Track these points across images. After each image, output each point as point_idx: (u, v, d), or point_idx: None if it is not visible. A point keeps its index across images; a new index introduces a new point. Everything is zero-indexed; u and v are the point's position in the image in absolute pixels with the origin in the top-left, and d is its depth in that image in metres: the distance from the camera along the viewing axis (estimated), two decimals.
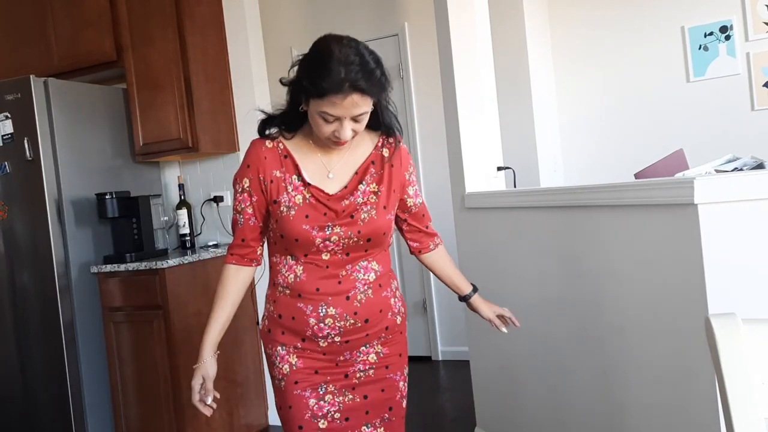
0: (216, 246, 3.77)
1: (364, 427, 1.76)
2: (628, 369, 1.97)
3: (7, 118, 3.33)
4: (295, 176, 1.66)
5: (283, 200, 1.65)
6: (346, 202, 1.66)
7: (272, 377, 1.79)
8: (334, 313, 1.67)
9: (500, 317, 1.93)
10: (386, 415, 1.78)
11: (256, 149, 1.69)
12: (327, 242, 1.64)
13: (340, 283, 1.67)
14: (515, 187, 3.28)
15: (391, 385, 1.79)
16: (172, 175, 4.03)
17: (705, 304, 1.58)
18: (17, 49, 3.95)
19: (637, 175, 2.36)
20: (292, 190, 1.65)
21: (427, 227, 1.89)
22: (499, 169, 3.10)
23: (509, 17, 4.20)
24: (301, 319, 1.68)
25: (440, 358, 4.75)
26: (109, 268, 3.36)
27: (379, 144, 1.74)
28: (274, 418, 3.87)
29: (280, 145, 1.69)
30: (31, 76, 3.28)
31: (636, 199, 1.82)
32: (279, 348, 1.74)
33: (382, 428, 1.78)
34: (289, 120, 1.67)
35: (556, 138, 4.49)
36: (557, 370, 2.38)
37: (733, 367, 0.96)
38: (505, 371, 2.79)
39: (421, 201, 1.85)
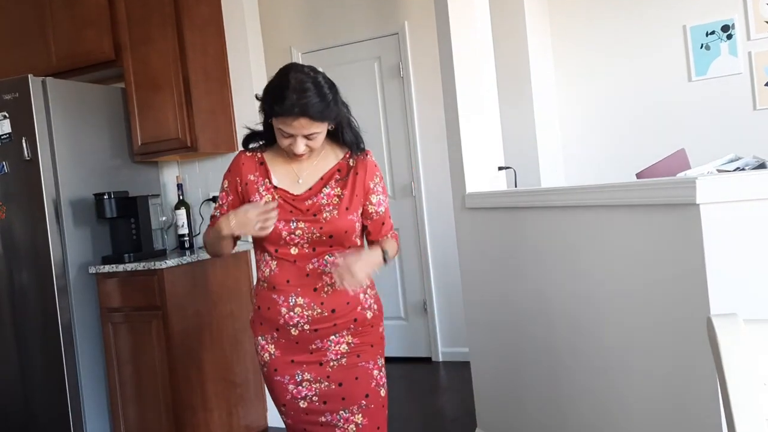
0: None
1: (342, 412, 1.95)
2: (628, 369, 1.96)
3: (5, 117, 3.32)
4: (266, 180, 1.95)
5: (254, 199, 1.93)
6: (310, 202, 1.91)
7: (258, 363, 2.04)
8: (302, 302, 1.90)
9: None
10: (363, 402, 1.96)
11: (237, 157, 2.02)
12: (293, 236, 1.88)
13: (308, 275, 1.90)
14: (516, 186, 3.27)
15: (365, 373, 1.97)
16: (170, 175, 4.02)
17: (707, 305, 1.57)
18: (15, 49, 3.94)
19: (638, 175, 2.35)
20: (264, 191, 1.94)
21: (387, 235, 2.07)
22: (499, 168, 3.09)
23: (510, 16, 4.19)
24: (275, 308, 1.92)
25: (440, 359, 4.74)
26: (107, 268, 3.35)
27: (347, 155, 1.99)
28: (273, 419, 3.86)
29: (258, 154, 1.99)
30: (29, 76, 3.27)
31: (637, 199, 1.81)
32: (260, 338, 2.00)
33: (360, 415, 1.96)
34: (267, 135, 1.96)
35: (557, 138, 4.48)
36: (558, 370, 2.37)
37: (735, 368, 0.95)
38: (506, 372, 2.78)
39: (383, 210, 2.03)
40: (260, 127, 2.00)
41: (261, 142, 2.01)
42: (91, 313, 3.43)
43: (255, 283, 2.04)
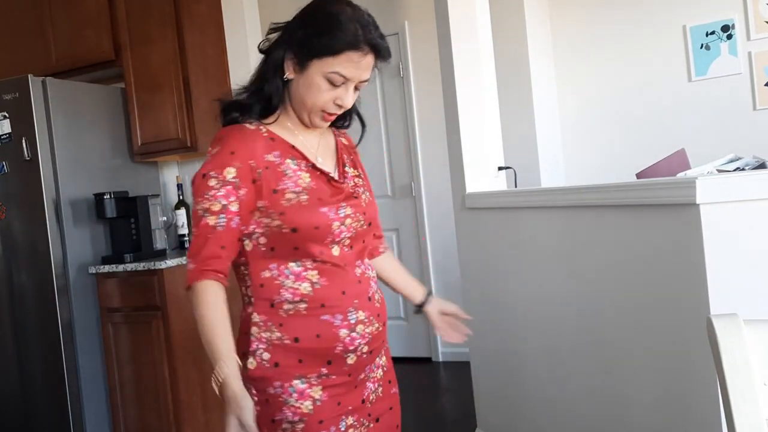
0: None
1: None
2: (628, 369, 1.96)
3: (5, 117, 3.32)
4: (290, 160, 1.42)
5: (287, 187, 1.39)
6: (346, 184, 1.49)
7: (276, 422, 1.41)
8: (363, 317, 1.44)
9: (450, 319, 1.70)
10: None
11: (238, 133, 1.42)
12: (342, 227, 1.42)
13: (360, 282, 1.46)
14: (516, 187, 3.27)
15: (396, 401, 1.61)
16: (170, 174, 4.02)
17: (707, 305, 1.56)
18: (15, 48, 3.94)
19: (638, 175, 2.35)
20: (293, 174, 1.41)
21: (377, 226, 1.62)
22: (499, 168, 3.09)
23: (510, 16, 4.19)
24: (329, 333, 1.40)
25: (440, 360, 4.74)
26: (107, 268, 3.35)
27: (335, 133, 1.59)
28: None
29: (262, 128, 1.44)
30: (29, 76, 3.28)
31: (638, 199, 1.81)
32: (296, 382, 1.41)
33: None
34: (267, 101, 1.45)
35: (557, 137, 4.48)
36: (558, 370, 2.37)
37: (735, 368, 0.95)
38: (506, 372, 2.78)
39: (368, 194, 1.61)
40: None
41: (254, 117, 1.47)
42: (90, 313, 3.43)
43: (260, 314, 1.49)
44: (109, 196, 3.39)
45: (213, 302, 1.43)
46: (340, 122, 1.57)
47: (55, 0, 3.81)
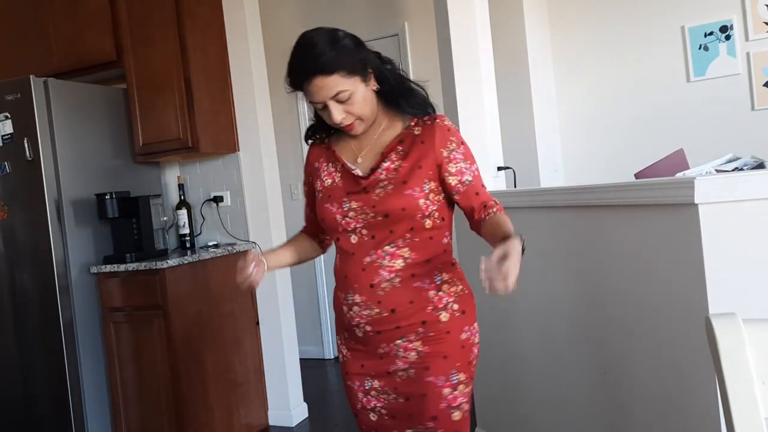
0: (216, 246, 3.77)
1: (408, 431, 1.66)
2: (628, 369, 1.97)
3: (7, 118, 3.33)
4: (330, 164, 1.76)
5: (317, 186, 1.78)
6: (368, 180, 1.66)
7: None
8: (359, 301, 1.65)
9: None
10: (431, 425, 1.62)
11: (309, 149, 1.86)
12: (347, 218, 1.65)
13: (364, 270, 1.64)
14: (515, 187, 3.28)
15: (434, 391, 1.62)
16: (172, 175, 4.03)
17: (705, 304, 1.57)
18: (17, 49, 3.95)
19: (637, 175, 2.36)
20: (325, 176, 1.75)
21: (485, 205, 1.68)
22: (499, 169, 3.10)
23: (509, 17, 4.20)
24: (338, 306, 1.74)
25: None
26: (108, 268, 3.36)
27: (412, 124, 1.70)
28: (274, 418, 3.87)
29: (326, 140, 1.82)
30: (31, 77, 3.28)
31: (636, 199, 1.82)
32: (338, 337, 1.82)
33: None
34: (314, 129, 1.83)
35: (557, 138, 4.49)
36: (558, 370, 2.38)
37: (734, 368, 0.95)
38: (506, 371, 2.79)
39: (470, 179, 1.67)
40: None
41: (318, 135, 1.84)
42: (92, 312, 3.43)
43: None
44: (110, 197, 3.40)
45: (295, 238, 1.95)
46: (418, 111, 1.72)
47: (57, 1, 3.81)
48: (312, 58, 1.56)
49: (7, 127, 3.33)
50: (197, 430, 3.36)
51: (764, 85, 3.88)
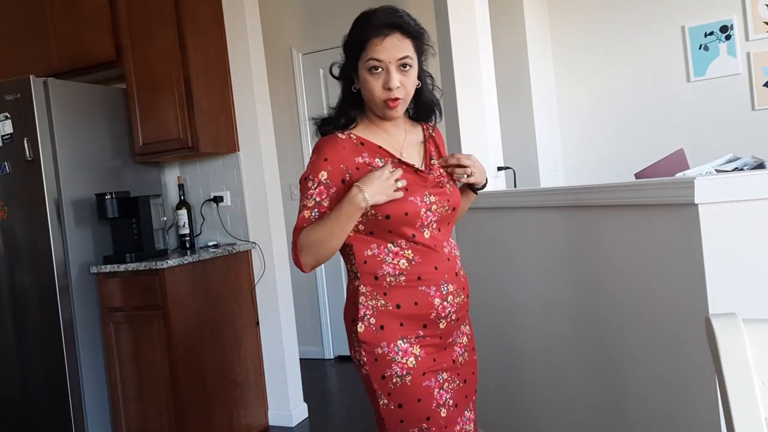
0: (216, 246, 3.77)
1: (466, 412, 1.78)
2: (628, 369, 1.97)
3: (6, 118, 3.33)
4: (378, 159, 1.70)
5: None
6: (432, 175, 1.74)
7: (386, 378, 1.66)
8: (453, 289, 1.71)
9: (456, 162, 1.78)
10: (474, 397, 1.83)
11: (331, 142, 1.70)
12: (428, 212, 1.68)
13: (449, 260, 1.72)
14: (515, 187, 3.28)
15: (476, 368, 1.85)
16: (171, 175, 4.03)
17: (705, 304, 1.57)
18: (17, 49, 3.95)
19: (637, 175, 2.35)
20: None
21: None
22: (499, 169, 3.10)
23: (509, 17, 4.20)
24: (426, 301, 1.67)
25: None
26: (108, 268, 3.36)
27: (426, 127, 1.85)
28: (274, 418, 3.87)
29: (352, 135, 1.72)
30: (30, 77, 3.28)
31: (636, 199, 1.82)
32: (399, 342, 1.67)
33: (473, 412, 1.82)
34: (348, 111, 1.74)
35: (557, 138, 4.49)
36: (557, 370, 2.38)
37: (734, 368, 0.95)
38: (506, 371, 2.79)
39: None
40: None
41: (340, 129, 1.76)
42: (92, 312, 3.43)
43: (365, 285, 1.68)
44: (110, 197, 3.40)
45: (309, 227, 1.68)
46: (425, 117, 1.83)
47: (57, 1, 3.81)
48: (399, 16, 1.64)
49: (7, 127, 3.33)
50: (197, 430, 3.36)
51: (764, 85, 3.88)
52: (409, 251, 1.67)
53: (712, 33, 4.00)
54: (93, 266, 3.40)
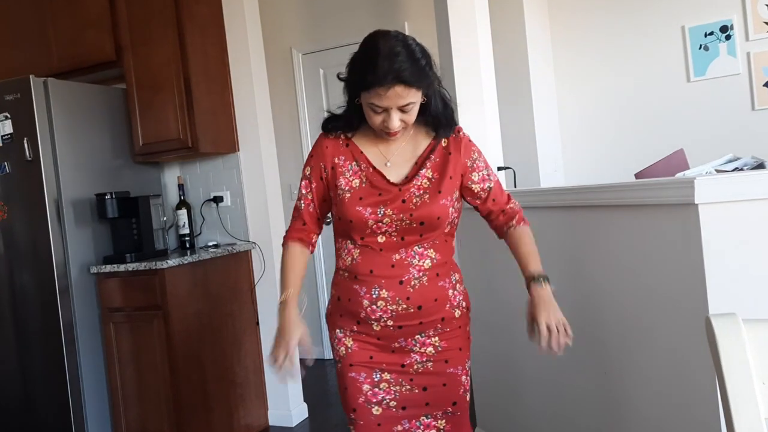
0: (216, 246, 3.77)
1: (424, 418, 1.79)
2: (628, 369, 1.97)
3: (6, 118, 3.33)
4: (354, 163, 1.77)
5: (340, 184, 1.76)
6: (403, 188, 1.73)
7: (334, 360, 1.85)
8: (386, 296, 1.72)
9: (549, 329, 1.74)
10: (450, 409, 1.80)
11: (319, 141, 1.83)
12: (380, 224, 1.71)
13: (393, 266, 1.72)
14: (515, 187, 3.28)
15: (454, 380, 1.80)
16: (171, 175, 4.03)
17: (705, 304, 1.57)
18: (17, 49, 3.95)
19: (637, 175, 2.36)
20: (350, 175, 1.76)
21: (503, 211, 1.88)
22: (499, 169, 3.10)
23: (509, 17, 4.20)
24: (356, 300, 1.75)
25: None
26: (108, 268, 3.36)
27: (439, 139, 1.81)
28: (274, 419, 3.87)
29: (342, 136, 1.81)
30: (30, 77, 3.28)
31: (636, 199, 1.82)
32: (337, 330, 1.82)
33: (444, 421, 1.81)
34: (350, 116, 1.77)
35: (557, 138, 4.48)
36: (557, 370, 2.38)
37: (734, 368, 0.95)
38: (505, 371, 2.79)
39: (490, 186, 1.84)
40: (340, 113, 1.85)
41: (340, 130, 1.82)
42: (92, 312, 3.43)
43: (334, 272, 1.86)
44: (110, 197, 3.40)
45: (291, 254, 1.84)
46: (443, 131, 1.79)
47: (57, 1, 3.81)
48: (402, 68, 1.58)
49: (7, 127, 3.33)
50: (197, 430, 3.36)
51: (764, 85, 3.88)
52: (357, 251, 1.75)
53: (712, 33, 3.99)
54: (93, 266, 3.40)
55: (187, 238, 3.81)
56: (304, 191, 1.83)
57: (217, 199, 3.86)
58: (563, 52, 4.45)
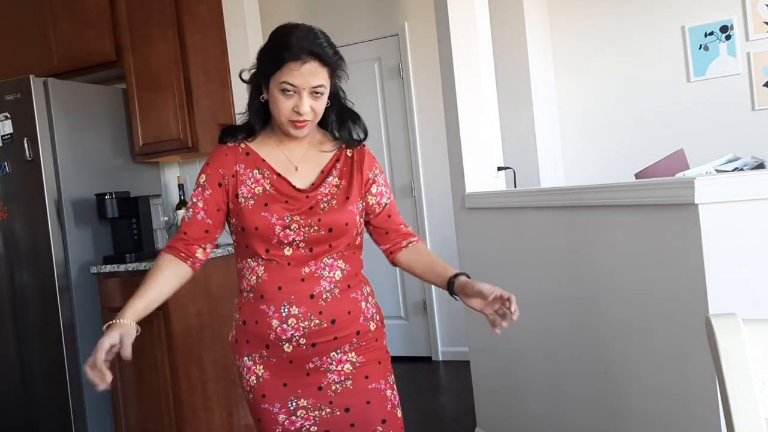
0: (216, 246, 3.76)
1: None
2: (628, 369, 1.97)
3: (6, 118, 3.33)
4: (256, 170, 1.68)
5: (241, 192, 1.66)
6: (310, 195, 1.67)
7: (242, 389, 1.75)
8: (297, 312, 1.62)
9: (496, 306, 1.66)
10: (380, 428, 1.68)
11: (217, 150, 1.74)
12: (287, 230, 1.62)
13: (303, 280, 1.63)
14: (515, 187, 3.28)
15: (378, 395, 1.70)
16: (171, 175, 4.03)
17: (705, 304, 1.57)
18: (17, 49, 3.95)
19: (637, 175, 2.36)
20: (252, 183, 1.67)
21: (397, 229, 1.80)
22: (499, 169, 3.10)
23: (509, 17, 4.20)
24: (264, 321, 1.64)
25: (440, 359, 4.75)
26: (108, 268, 3.36)
27: (344, 146, 1.76)
28: None
29: (242, 144, 1.72)
30: (30, 76, 3.28)
31: (636, 199, 1.82)
32: (245, 358, 1.71)
33: None
34: (251, 122, 1.72)
35: (557, 138, 4.48)
36: (557, 370, 2.38)
37: (734, 368, 0.95)
38: (506, 371, 2.79)
39: (387, 201, 1.79)
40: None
41: (240, 137, 1.74)
42: (92, 312, 3.43)
43: (237, 297, 1.76)
44: (110, 197, 3.40)
45: (154, 268, 1.70)
46: (348, 137, 1.75)
47: (57, 1, 3.81)
48: (317, 44, 1.57)
49: (7, 127, 3.33)
50: (197, 430, 3.36)
51: (764, 85, 3.88)
52: (261, 268, 1.65)
53: (712, 33, 3.99)
54: (93, 266, 3.40)
55: None
56: (194, 200, 1.70)
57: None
58: (563, 52, 4.45)
